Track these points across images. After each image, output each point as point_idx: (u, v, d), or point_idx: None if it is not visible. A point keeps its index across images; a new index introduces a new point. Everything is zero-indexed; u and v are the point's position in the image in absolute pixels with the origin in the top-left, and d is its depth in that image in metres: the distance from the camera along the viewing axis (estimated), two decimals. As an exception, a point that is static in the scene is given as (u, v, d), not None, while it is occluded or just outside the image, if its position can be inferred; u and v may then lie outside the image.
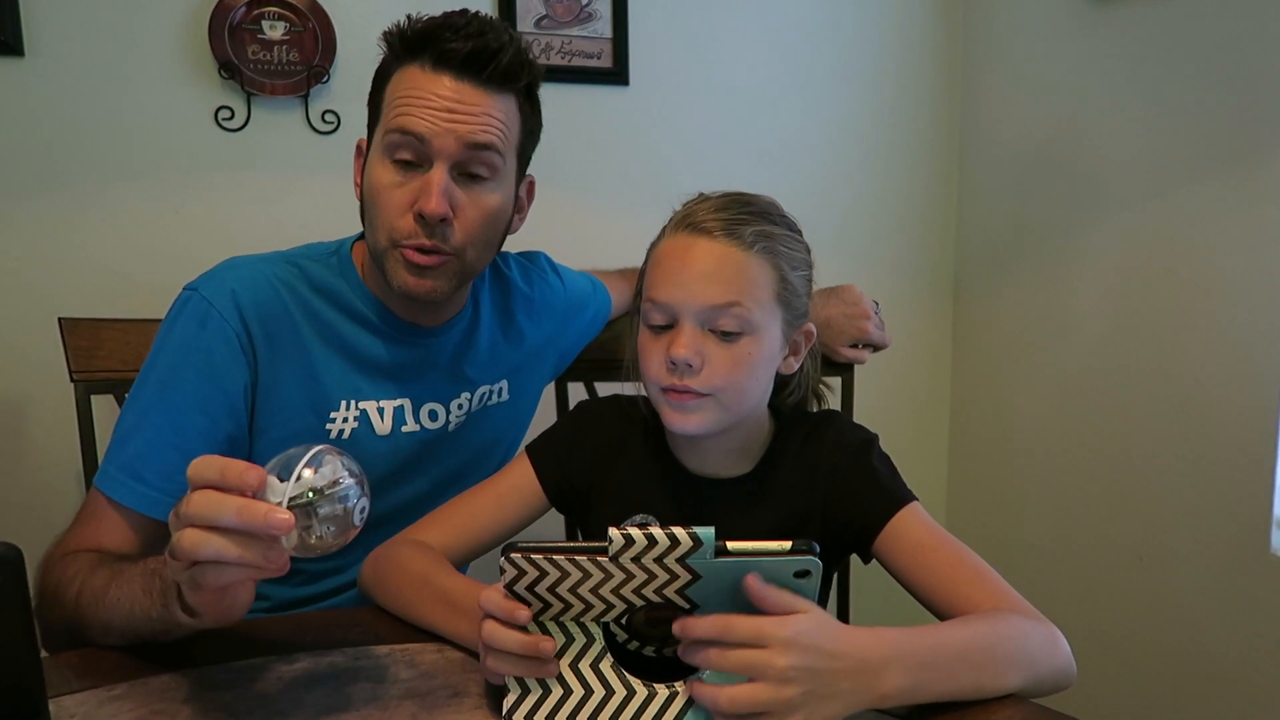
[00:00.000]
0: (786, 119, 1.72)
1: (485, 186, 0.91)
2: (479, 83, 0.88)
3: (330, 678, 0.74)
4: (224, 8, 1.39)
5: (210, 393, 0.88)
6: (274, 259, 0.96)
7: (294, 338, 0.93)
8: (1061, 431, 1.61)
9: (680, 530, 0.61)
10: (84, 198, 1.40)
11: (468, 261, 0.92)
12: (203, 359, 0.88)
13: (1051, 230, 1.61)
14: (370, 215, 0.92)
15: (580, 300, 1.19)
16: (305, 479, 0.60)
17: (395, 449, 0.99)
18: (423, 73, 0.88)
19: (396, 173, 0.88)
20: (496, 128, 0.89)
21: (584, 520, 0.97)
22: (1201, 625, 1.38)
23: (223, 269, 0.93)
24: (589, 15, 1.56)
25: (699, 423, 0.82)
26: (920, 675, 0.65)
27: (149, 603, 0.71)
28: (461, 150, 0.87)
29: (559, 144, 1.62)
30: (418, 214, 0.87)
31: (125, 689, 0.72)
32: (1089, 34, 1.51)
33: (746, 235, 0.81)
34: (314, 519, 0.60)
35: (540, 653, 0.64)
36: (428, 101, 0.86)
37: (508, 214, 0.96)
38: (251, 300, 0.91)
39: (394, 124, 0.87)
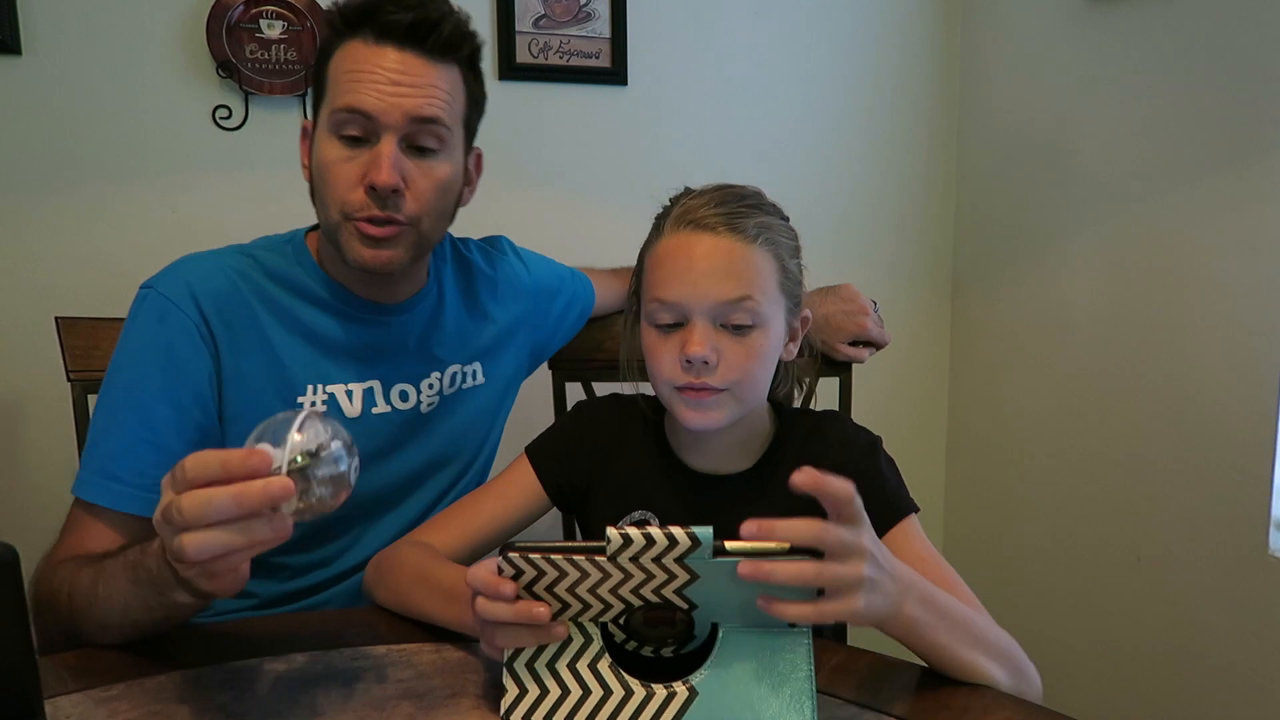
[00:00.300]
0: (785, 118, 1.71)
1: (434, 158, 0.91)
2: (422, 52, 0.88)
3: (327, 678, 0.74)
4: (221, 7, 1.38)
5: (175, 385, 0.89)
6: (228, 252, 0.97)
7: (254, 325, 0.93)
8: (1059, 431, 1.61)
9: (678, 530, 0.61)
10: (81, 197, 1.39)
11: (423, 232, 0.92)
12: (164, 353, 0.89)
13: (1049, 229, 1.61)
14: (321, 192, 0.92)
15: (550, 285, 1.18)
16: (298, 443, 0.60)
17: (368, 431, 0.97)
18: (365, 46, 0.88)
19: (344, 147, 0.88)
20: (442, 99, 0.89)
21: (584, 519, 0.97)
22: (1200, 626, 1.38)
23: (177, 265, 0.94)
24: (587, 15, 1.56)
25: (717, 419, 0.83)
26: (929, 614, 0.68)
27: (143, 593, 0.71)
28: (408, 123, 0.88)
29: (557, 144, 1.63)
30: (369, 186, 0.87)
31: (121, 689, 0.72)
32: (1087, 33, 1.50)
33: (749, 228, 0.81)
34: (311, 481, 0.60)
35: (535, 618, 0.63)
36: (372, 76, 0.87)
37: (458, 184, 0.96)
38: (208, 291, 0.91)
39: (340, 102, 0.88)
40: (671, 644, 0.69)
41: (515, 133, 1.57)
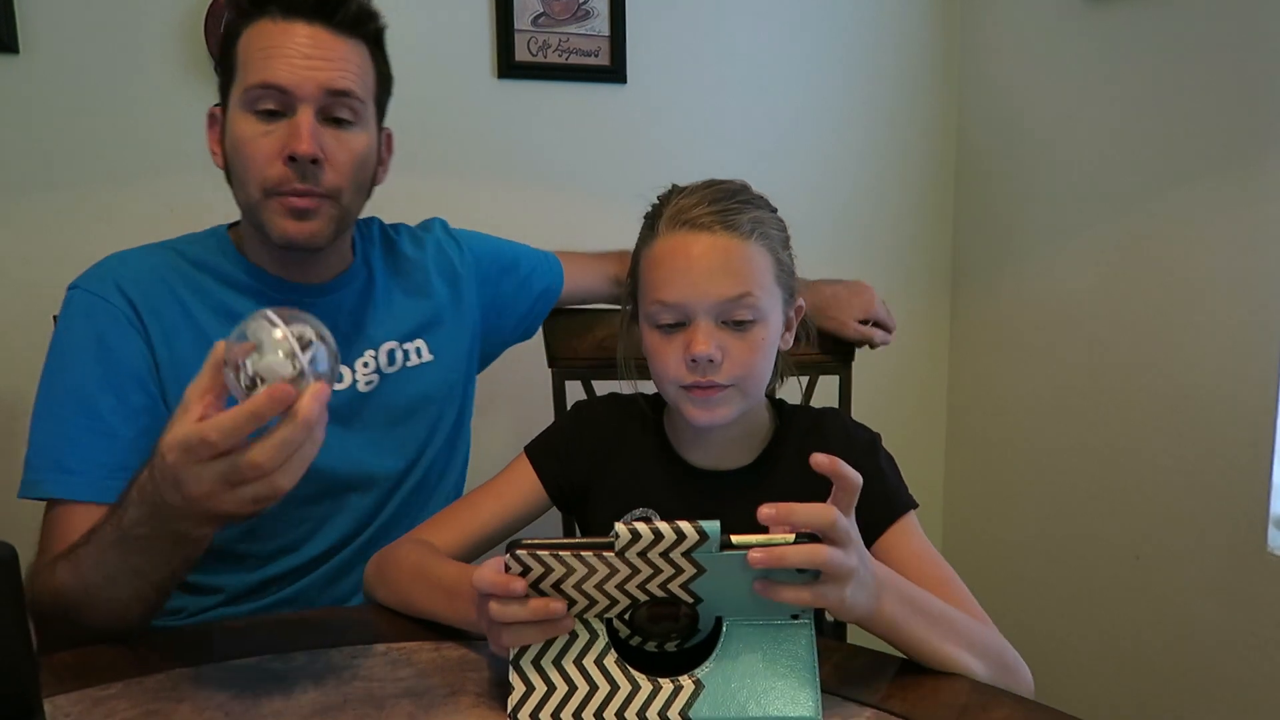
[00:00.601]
0: (784, 115, 1.71)
1: (350, 129, 0.92)
2: (330, 27, 0.90)
3: (327, 676, 0.74)
4: (219, 5, 1.38)
5: (113, 373, 0.89)
6: (151, 247, 0.99)
7: (181, 311, 0.94)
8: (1058, 428, 1.61)
9: (686, 524, 0.61)
10: (79, 195, 1.39)
11: (343, 205, 0.93)
12: (97, 345, 0.90)
13: (1048, 226, 1.61)
14: (239, 171, 0.92)
15: (495, 260, 1.17)
16: (303, 336, 0.63)
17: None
18: (274, 24, 0.89)
19: (260, 122, 0.89)
20: (354, 73, 0.91)
21: (584, 518, 0.97)
22: (1198, 623, 1.38)
23: (101, 263, 0.96)
24: (586, 13, 1.56)
25: (725, 415, 0.84)
26: (907, 610, 0.70)
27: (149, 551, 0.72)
28: (323, 95, 0.89)
29: (556, 142, 1.63)
30: (288, 157, 0.88)
31: (120, 688, 0.71)
32: (1086, 31, 1.51)
33: (743, 225, 0.82)
34: (306, 369, 0.63)
35: (552, 614, 0.64)
36: (284, 51, 0.88)
37: (374, 159, 0.97)
38: (132, 281, 0.93)
39: (254, 79, 0.88)
40: (676, 638, 0.69)
41: (514, 131, 1.56)
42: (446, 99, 1.52)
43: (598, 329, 1.26)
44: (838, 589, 0.63)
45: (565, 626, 0.65)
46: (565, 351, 1.26)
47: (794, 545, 0.61)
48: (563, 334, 1.26)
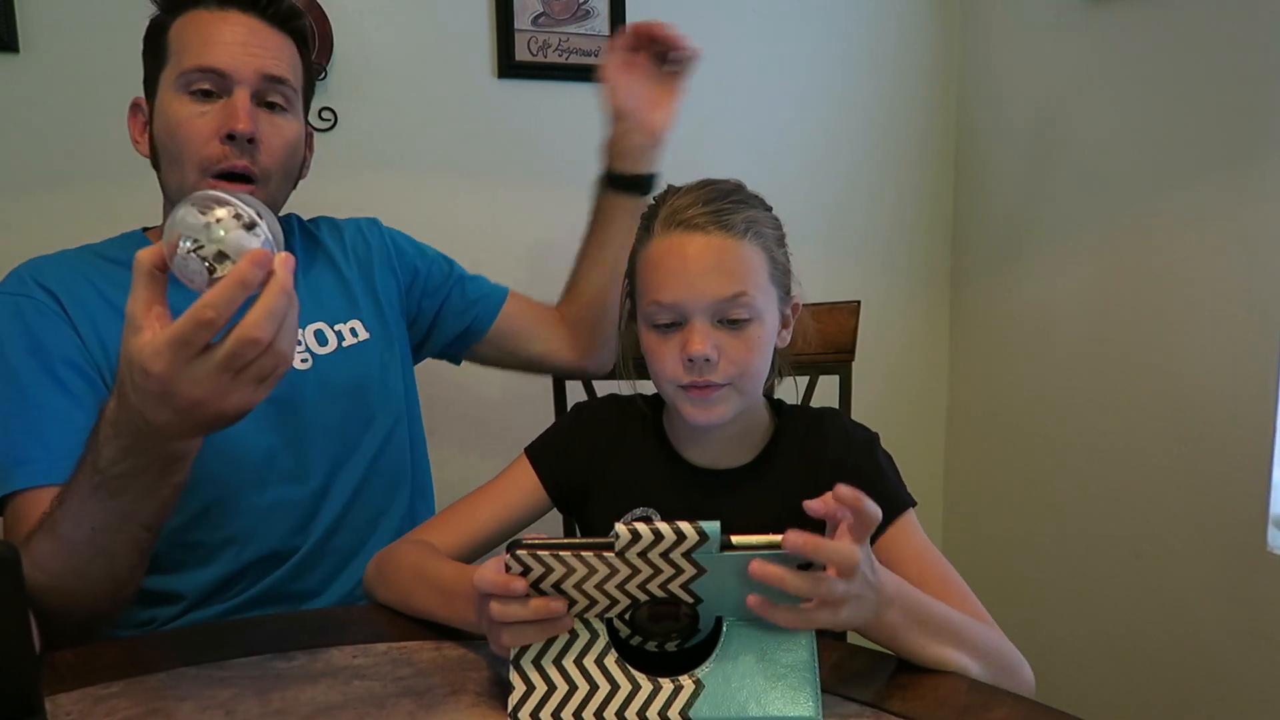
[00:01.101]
0: (783, 115, 1.71)
1: (284, 116, 0.95)
2: (265, 20, 0.94)
3: (328, 675, 0.74)
4: (220, 4, 1.38)
5: (47, 359, 0.90)
6: (65, 251, 1.00)
7: (102, 301, 0.94)
8: (1058, 428, 1.61)
9: (686, 525, 0.61)
10: (80, 195, 1.39)
11: (271, 191, 0.95)
12: (26, 337, 0.90)
13: (1048, 226, 1.61)
14: (172, 153, 0.92)
15: (422, 251, 1.18)
16: (252, 207, 0.64)
17: None
18: (209, 13, 0.92)
19: (195, 103, 0.91)
20: (287, 62, 0.95)
21: (584, 518, 0.97)
22: (1198, 622, 1.38)
23: (16, 268, 0.97)
24: (586, 13, 1.56)
25: (722, 413, 0.84)
26: (908, 619, 0.70)
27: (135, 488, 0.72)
28: (259, 80, 0.92)
29: (557, 141, 1.63)
30: (226, 135, 0.89)
31: (121, 687, 0.72)
32: (1085, 30, 1.51)
33: (737, 225, 0.83)
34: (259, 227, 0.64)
35: (552, 614, 0.64)
36: (222, 36, 0.91)
37: (302, 148, 1.00)
38: (50, 276, 0.94)
39: (191, 63, 0.90)
40: (676, 638, 0.70)
41: (514, 130, 1.56)
42: (447, 99, 1.52)
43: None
44: (830, 613, 0.64)
45: (564, 625, 0.66)
46: (565, 351, 1.26)
47: (792, 572, 0.61)
48: (563, 334, 1.26)
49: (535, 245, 1.60)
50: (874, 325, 1.66)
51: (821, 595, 0.62)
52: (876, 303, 1.75)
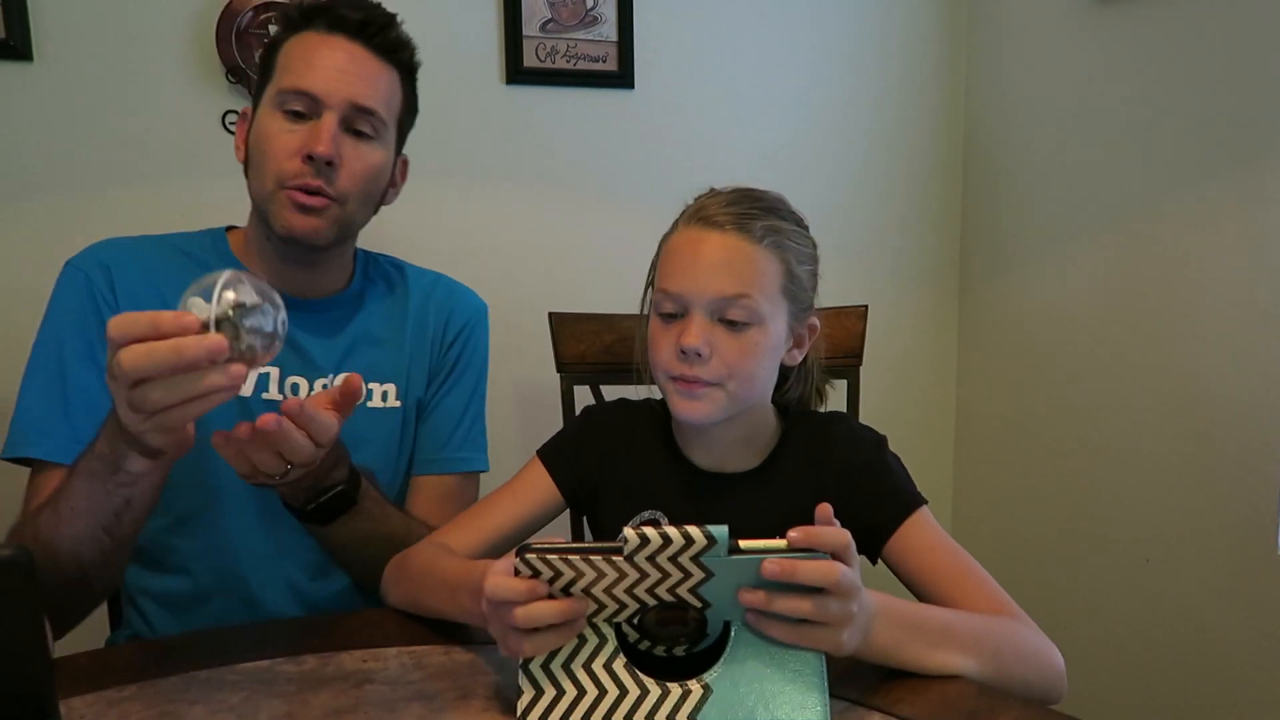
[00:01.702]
0: (791, 120, 1.72)
1: (369, 143, 0.96)
2: (369, 48, 0.95)
3: (338, 679, 0.74)
4: (231, 13, 1.39)
5: (92, 342, 0.94)
6: (145, 237, 1.03)
7: (157, 299, 0.96)
8: (1067, 432, 1.61)
9: (694, 529, 0.61)
10: (92, 201, 1.40)
11: (348, 211, 0.96)
12: (77, 315, 0.95)
13: (1056, 228, 1.61)
14: (257, 163, 0.95)
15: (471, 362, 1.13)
16: (227, 299, 0.65)
17: (251, 413, 0.91)
18: (317, 35, 0.95)
19: (286, 120, 0.93)
20: (382, 94, 0.96)
21: (595, 518, 0.98)
22: (1209, 627, 1.37)
23: (94, 244, 1.00)
24: (594, 19, 1.57)
25: (707, 411, 0.85)
26: (899, 633, 0.69)
27: (100, 482, 0.77)
28: (349, 108, 0.94)
29: (565, 146, 1.63)
30: (306, 156, 0.92)
31: (134, 690, 0.72)
32: (1092, 33, 1.51)
33: (756, 229, 0.83)
34: (241, 331, 0.65)
35: (578, 614, 0.64)
36: (321, 61, 0.93)
37: (386, 177, 1.01)
38: (118, 263, 0.97)
39: (287, 84, 0.93)
40: (684, 643, 0.70)
41: (522, 136, 1.57)
42: (455, 105, 1.52)
43: (606, 334, 1.26)
44: (831, 636, 0.64)
45: (579, 626, 0.66)
46: (573, 356, 1.26)
47: (805, 561, 0.62)
48: (571, 339, 1.26)
49: (543, 250, 1.61)
50: (882, 329, 1.66)
51: (833, 584, 0.62)
52: (884, 306, 1.75)
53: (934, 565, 0.81)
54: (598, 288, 1.61)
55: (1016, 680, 0.73)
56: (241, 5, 1.39)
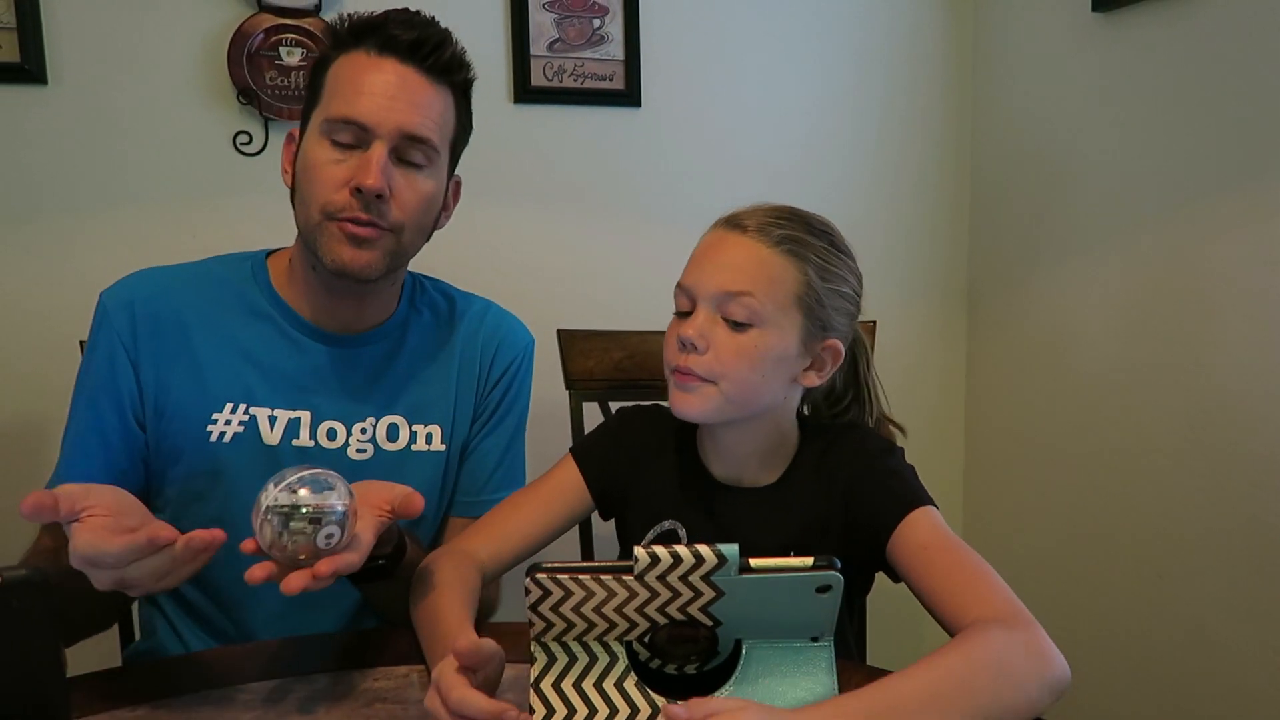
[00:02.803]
0: (797, 136, 1.72)
1: (420, 173, 0.92)
2: (421, 70, 0.90)
3: (349, 698, 0.74)
4: (242, 35, 1.41)
5: (99, 391, 0.93)
6: (183, 265, 1.00)
7: (182, 339, 0.94)
8: (1078, 446, 1.60)
9: (705, 548, 0.61)
10: (105, 222, 1.42)
11: (402, 242, 0.92)
12: (94, 363, 0.94)
13: (1065, 241, 1.61)
14: (304, 192, 0.91)
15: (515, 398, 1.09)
16: (294, 495, 0.67)
17: (279, 463, 0.90)
18: (367, 57, 0.89)
19: (334, 150, 0.89)
20: (434, 120, 0.91)
21: (621, 522, 0.98)
22: (1224, 644, 1.36)
23: (129, 277, 0.97)
24: (601, 38, 1.58)
25: (699, 405, 0.84)
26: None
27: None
28: (399, 137, 0.89)
29: (572, 165, 1.64)
30: (355, 189, 0.87)
31: (147, 711, 0.72)
32: (1097, 46, 1.51)
33: (775, 234, 0.84)
34: (285, 529, 0.67)
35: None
36: (371, 86, 0.88)
37: (439, 204, 0.97)
38: (145, 299, 0.94)
39: (335, 111, 0.89)
40: (695, 661, 0.70)
41: (530, 154, 1.58)
42: (464, 124, 1.54)
43: (614, 350, 1.27)
44: None
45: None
46: (582, 373, 1.27)
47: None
48: (579, 356, 1.27)
49: (551, 267, 1.62)
50: (891, 343, 1.66)
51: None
52: (893, 320, 1.75)
53: (927, 562, 0.79)
54: (606, 304, 1.61)
55: (1039, 701, 0.67)
56: (253, 27, 1.41)
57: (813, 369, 0.87)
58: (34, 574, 0.56)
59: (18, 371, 1.40)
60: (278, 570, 0.68)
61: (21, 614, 0.56)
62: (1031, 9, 1.65)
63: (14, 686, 0.58)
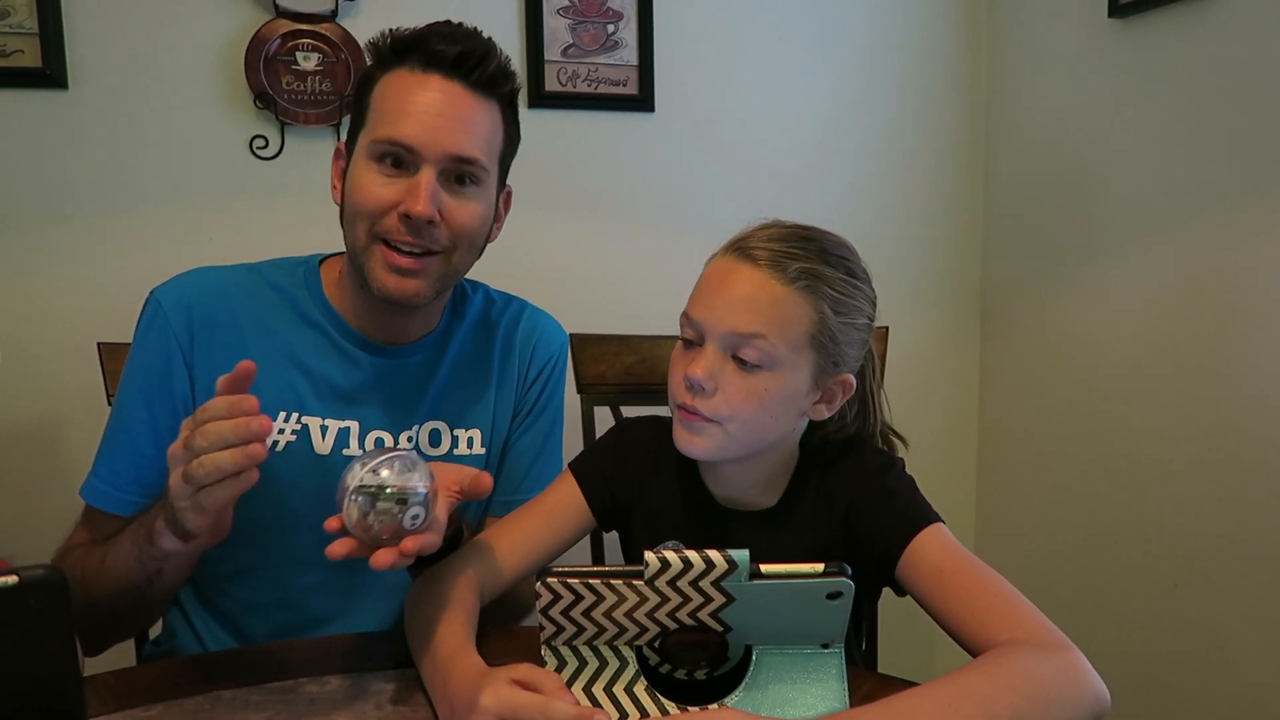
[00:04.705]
0: (810, 142, 1.72)
1: (469, 192, 0.91)
2: (466, 85, 0.89)
3: (361, 700, 0.75)
4: (259, 40, 1.42)
5: (154, 392, 0.92)
6: (237, 268, 0.99)
7: (237, 344, 0.93)
8: (1092, 456, 1.59)
9: (715, 553, 0.61)
10: (123, 225, 1.43)
11: (452, 263, 0.92)
12: (147, 361, 0.93)
13: (1079, 251, 1.60)
14: (352, 214, 0.91)
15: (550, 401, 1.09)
16: (379, 475, 0.69)
17: (330, 471, 0.92)
18: (411, 74, 0.88)
19: (382, 173, 0.89)
20: (482, 137, 0.90)
21: (626, 538, 0.97)
22: (1239, 656, 1.35)
23: (183, 275, 0.97)
24: (615, 43, 1.59)
25: (703, 447, 0.81)
26: None
27: (138, 547, 0.81)
28: (447, 160, 0.88)
29: (586, 169, 1.65)
30: (403, 215, 0.87)
31: (161, 710, 0.73)
32: (1112, 51, 1.50)
33: (790, 270, 0.79)
34: (372, 510, 0.69)
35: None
36: (416, 106, 0.87)
37: (489, 220, 0.96)
38: (200, 302, 0.94)
39: (382, 133, 0.88)
40: (705, 666, 0.70)
41: (544, 159, 1.59)
42: (478, 128, 1.54)
43: (626, 355, 1.27)
44: None
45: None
46: (594, 377, 1.27)
47: None
48: (591, 360, 1.27)
49: (563, 271, 1.62)
50: (903, 349, 1.65)
51: None
52: (906, 328, 1.75)
53: (942, 585, 0.76)
54: (617, 308, 1.62)
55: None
56: (270, 33, 1.42)
57: (822, 402, 0.84)
58: (51, 573, 0.57)
59: (35, 373, 1.42)
60: (358, 548, 0.69)
61: (39, 613, 0.57)
62: (1046, 13, 1.65)
63: (31, 685, 0.59)
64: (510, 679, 0.63)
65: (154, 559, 0.81)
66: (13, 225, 1.39)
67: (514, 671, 0.64)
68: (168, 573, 0.83)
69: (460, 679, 0.67)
